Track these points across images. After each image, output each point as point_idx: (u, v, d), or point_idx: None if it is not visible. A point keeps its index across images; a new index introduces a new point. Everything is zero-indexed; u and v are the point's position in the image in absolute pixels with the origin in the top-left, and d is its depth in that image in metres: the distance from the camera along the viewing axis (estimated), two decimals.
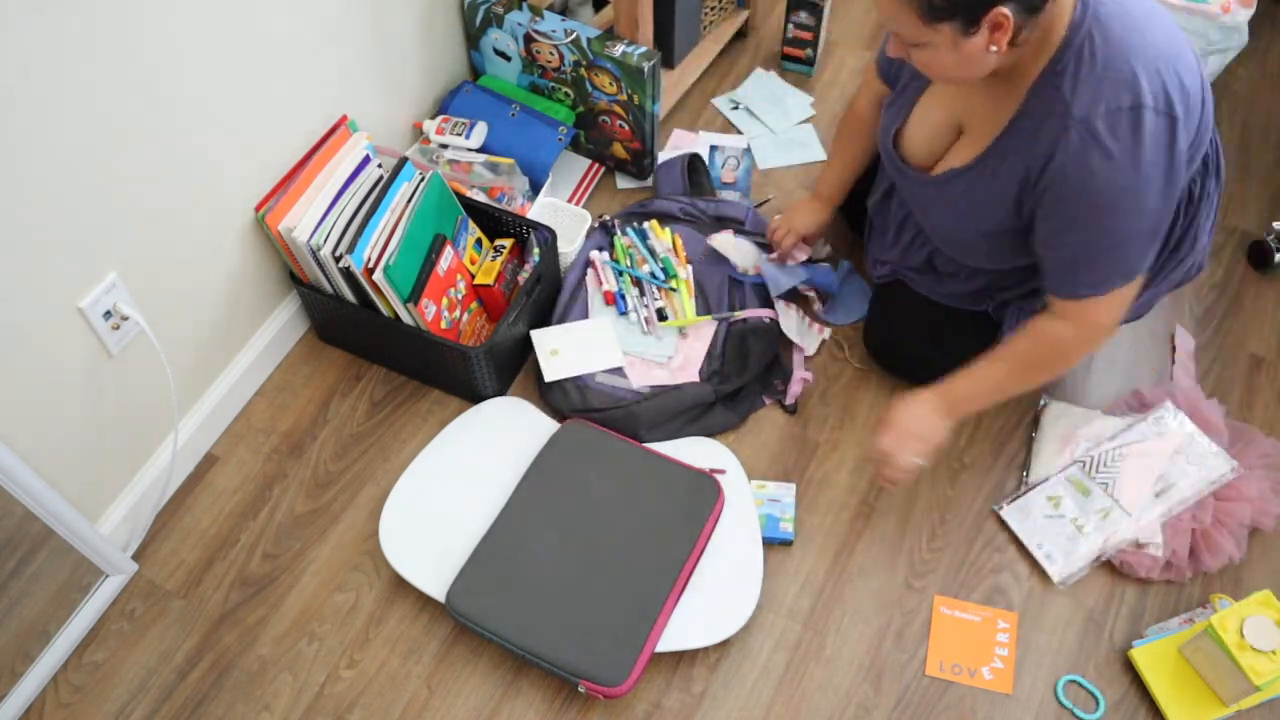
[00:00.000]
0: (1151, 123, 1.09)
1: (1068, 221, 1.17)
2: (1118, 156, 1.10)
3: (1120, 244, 1.17)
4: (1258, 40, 2.20)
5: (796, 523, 1.51)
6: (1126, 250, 1.18)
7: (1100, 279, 1.21)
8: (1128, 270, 1.20)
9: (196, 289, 1.45)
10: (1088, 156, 1.11)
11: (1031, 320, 1.30)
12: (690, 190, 1.83)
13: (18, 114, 1.07)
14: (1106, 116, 1.09)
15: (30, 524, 1.26)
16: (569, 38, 1.72)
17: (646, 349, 1.62)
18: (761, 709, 1.36)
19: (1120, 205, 1.14)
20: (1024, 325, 1.30)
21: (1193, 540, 1.45)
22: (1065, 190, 1.15)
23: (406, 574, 1.40)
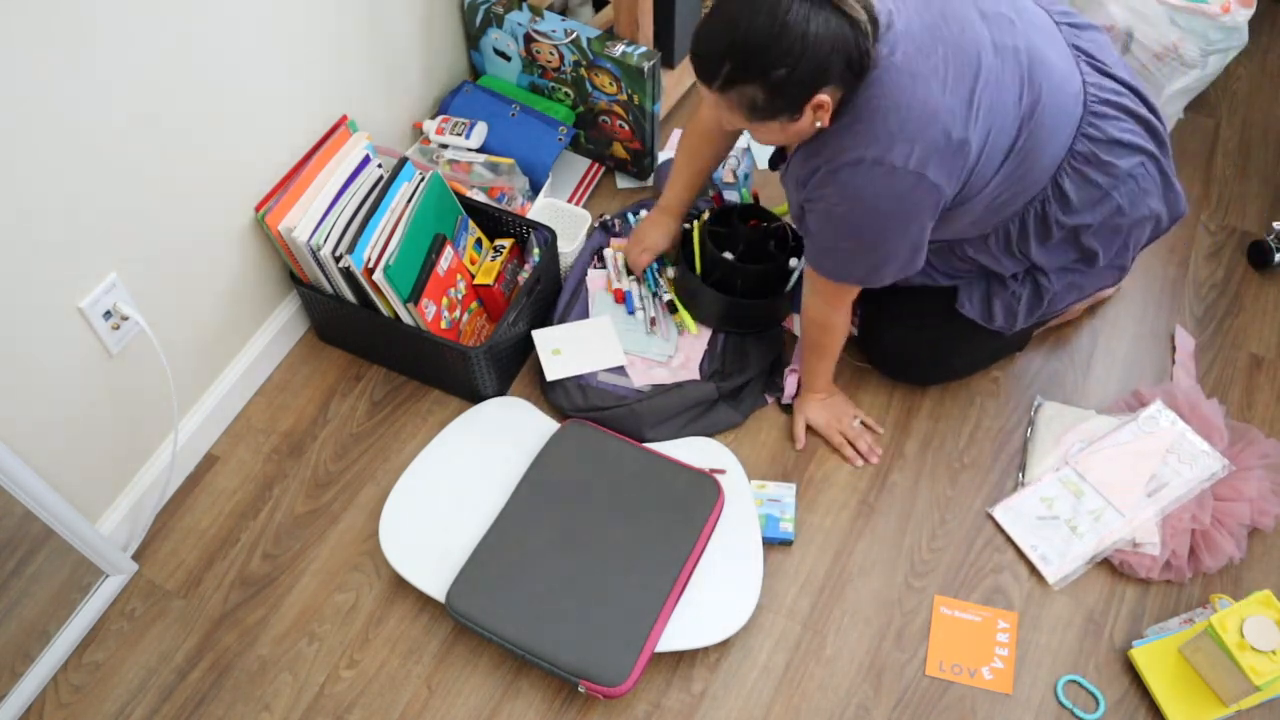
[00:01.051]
0: (887, 174, 1.21)
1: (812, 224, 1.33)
2: (851, 195, 1.24)
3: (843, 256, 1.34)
4: (1258, 40, 2.20)
5: (796, 523, 1.51)
6: (848, 261, 1.34)
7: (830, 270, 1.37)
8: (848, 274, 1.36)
9: (196, 289, 1.45)
10: (827, 189, 1.26)
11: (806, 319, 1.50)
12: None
13: (17, 114, 1.07)
14: (850, 163, 1.22)
15: (30, 524, 1.26)
16: (569, 38, 1.72)
17: (648, 348, 1.62)
18: (761, 709, 1.36)
19: (845, 231, 1.29)
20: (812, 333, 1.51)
21: (1192, 540, 1.45)
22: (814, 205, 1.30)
23: (406, 574, 1.40)
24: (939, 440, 1.61)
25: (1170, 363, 1.69)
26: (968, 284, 1.50)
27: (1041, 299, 1.47)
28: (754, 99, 1.17)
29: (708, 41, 1.16)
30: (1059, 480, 1.53)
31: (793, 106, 1.17)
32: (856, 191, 1.23)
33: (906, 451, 1.59)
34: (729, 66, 1.14)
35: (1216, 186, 1.96)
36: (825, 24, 1.10)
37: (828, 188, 1.26)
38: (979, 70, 1.21)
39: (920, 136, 1.19)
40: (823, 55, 1.12)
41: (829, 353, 1.52)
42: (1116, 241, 1.42)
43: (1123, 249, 1.43)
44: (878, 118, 1.19)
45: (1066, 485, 1.52)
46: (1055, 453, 1.56)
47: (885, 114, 1.19)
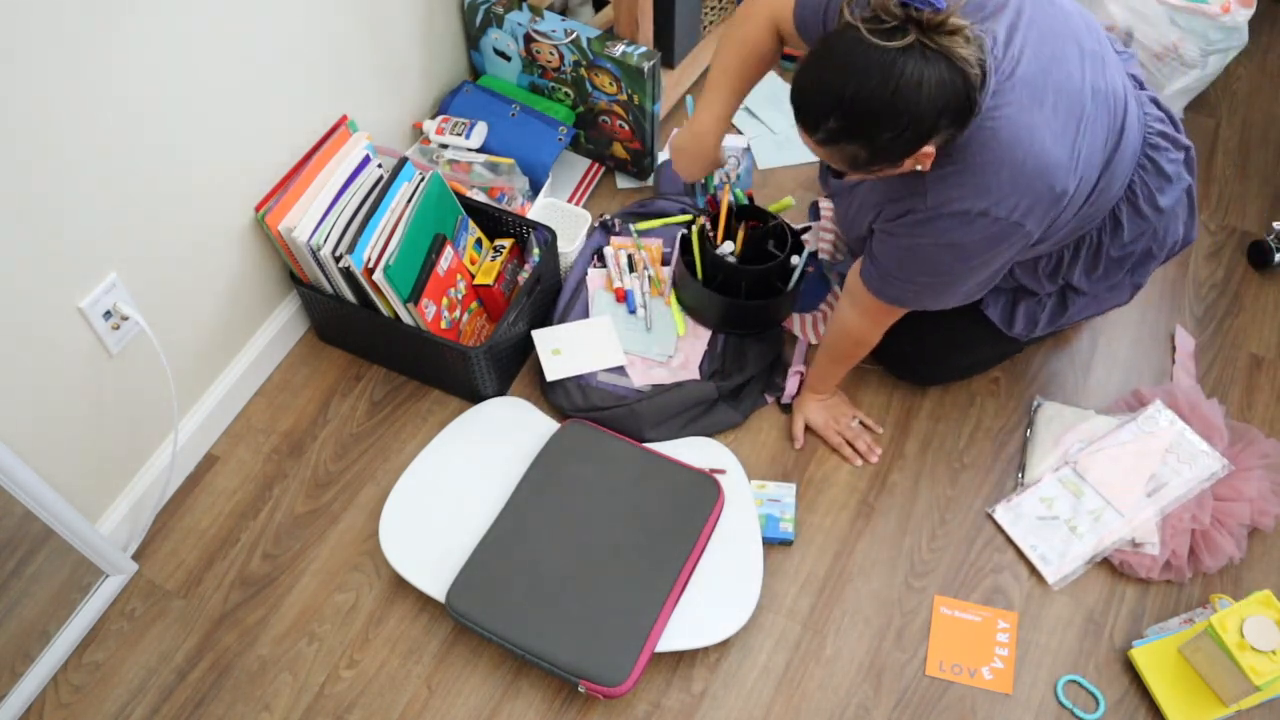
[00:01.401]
0: (987, 225, 1.18)
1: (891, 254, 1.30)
2: (944, 240, 1.22)
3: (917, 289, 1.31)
4: (1258, 40, 2.20)
5: (796, 523, 1.51)
6: (921, 293, 1.32)
7: (892, 295, 1.34)
8: (916, 302, 1.35)
9: (196, 289, 1.45)
10: (919, 229, 1.23)
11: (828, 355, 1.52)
12: (691, 190, 1.83)
13: (17, 114, 1.07)
14: (952, 213, 1.19)
15: (30, 524, 1.26)
16: (569, 38, 1.72)
17: (648, 348, 1.62)
18: (761, 709, 1.36)
19: (926, 270, 1.27)
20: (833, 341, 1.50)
21: (1192, 540, 1.45)
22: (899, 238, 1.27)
23: (406, 574, 1.40)
24: (939, 440, 1.61)
25: (1170, 363, 1.69)
26: (995, 294, 1.50)
27: (1065, 312, 1.49)
28: (856, 155, 1.12)
29: (815, 94, 1.10)
30: (1058, 480, 1.53)
31: (895, 161, 1.13)
32: (953, 239, 1.21)
33: (906, 451, 1.59)
34: (835, 123, 1.09)
35: (1216, 186, 1.96)
36: (938, 81, 1.04)
37: (921, 230, 1.22)
38: (1081, 118, 1.19)
39: (1029, 191, 1.16)
40: (931, 115, 1.07)
41: (850, 364, 1.52)
42: (1147, 266, 1.45)
43: (1147, 270, 1.47)
44: (989, 171, 1.15)
45: (1066, 485, 1.52)
46: (1055, 453, 1.56)
47: (999, 168, 1.15)
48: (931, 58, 1.04)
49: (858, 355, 1.50)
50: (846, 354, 1.50)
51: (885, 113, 1.06)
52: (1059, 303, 1.50)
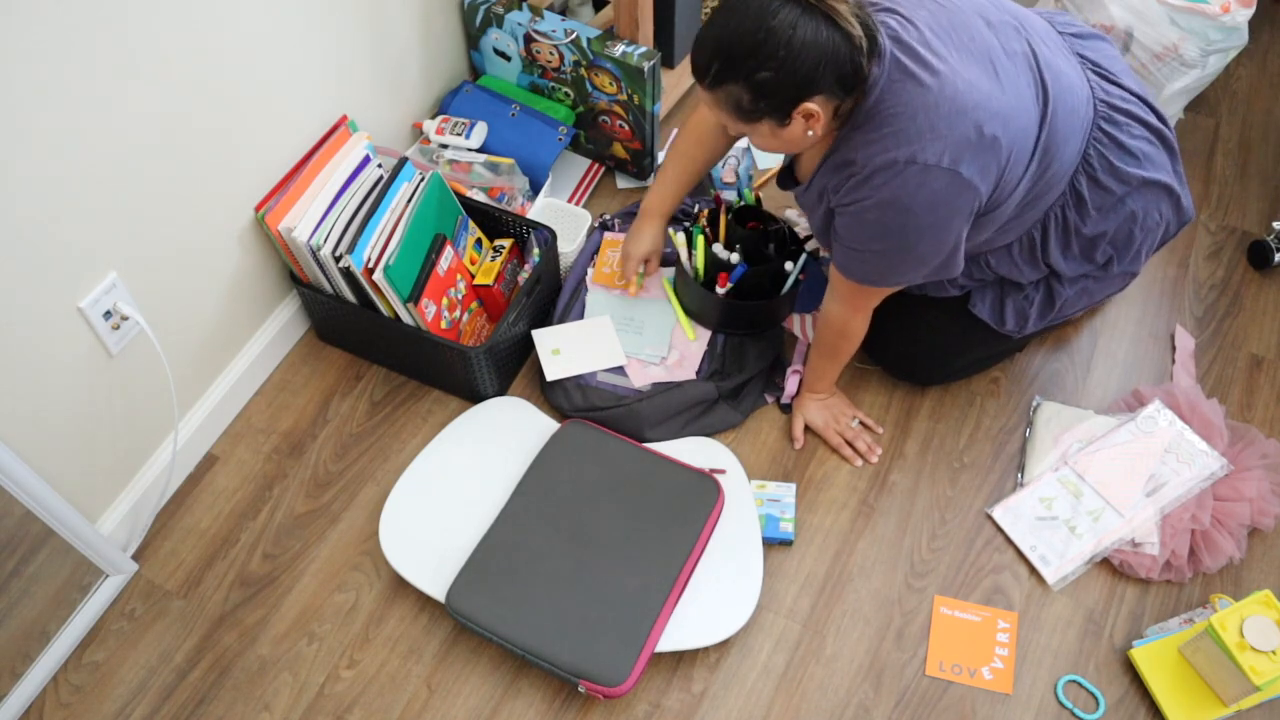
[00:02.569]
0: (920, 175, 1.20)
1: (843, 230, 1.32)
2: (886, 200, 1.22)
3: (876, 261, 1.31)
4: (1258, 40, 2.20)
5: (796, 523, 1.51)
6: (884, 266, 1.32)
7: (859, 273, 1.35)
8: (882, 278, 1.35)
9: (196, 289, 1.45)
10: (860, 195, 1.25)
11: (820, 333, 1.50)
12: (691, 191, 1.83)
13: (17, 114, 1.07)
14: (882, 166, 1.21)
15: (30, 524, 1.26)
16: (569, 38, 1.72)
17: (640, 349, 1.62)
18: (761, 709, 1.36)
19: (879, 236, 1.27)
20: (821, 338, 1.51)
21: (1192, 540, 1.45)
22: (845, 211, 1.29)
23: (406, 574, 1.40)
24: (939, 440, 1.61)
25: (1170, 363, 1.69)
26: (981, 287, 1.51)
27: (1053, 304, 1.48)
28: (739, 99, 1.19)
29: (701, 41, 1.19)
30: (1058, 480, 1.53)
31: (779, 111, 1.18)
32: (892, 194, 1.22)
33: (906, 451, 1.60)
34: (716, 65, 1.17)
35: (1216, 186, 1.96)
36: (815, 33, 1.12)
37: (860, 191, 1.25)
38: (996, 68, 1.23)
39: (950, 133, 1.19)
40: (809, 63, 1.13)
41: (841, 358, 1.52)
42: (1130, 249, 1.43)
43: (1135, 256, 1.45)
44: (904, 118, 1.19)
45: (1065, 485, 1.52)
46: (1054, 453, 1.56)
47: (913, 114, 1.19)
48: (812, 13, 1.12)
49: (846, 348, 1.50)
50: (834, 347, 1.50)
51: (759, 49, 1.13)
52: (1046, 295, 1.48)
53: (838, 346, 1.50)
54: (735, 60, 1.15)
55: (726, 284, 1.58)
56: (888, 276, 1.35)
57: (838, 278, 1.40)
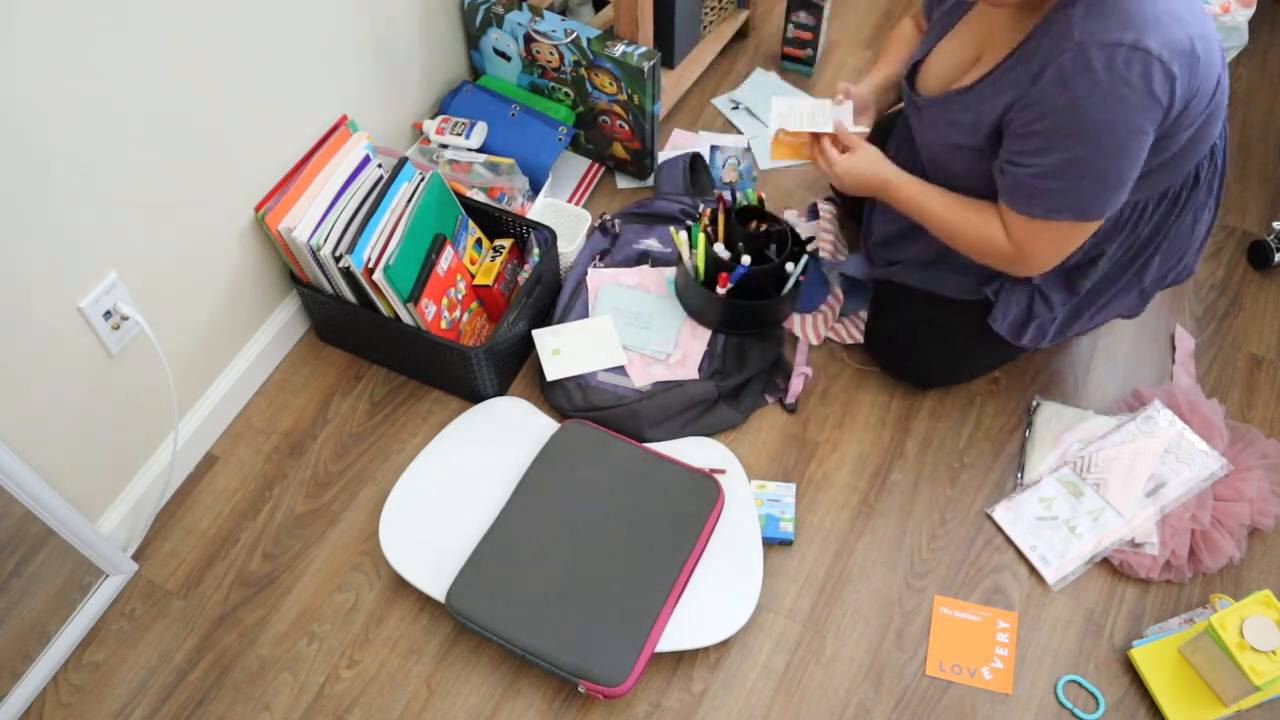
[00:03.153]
0: (1145, 66, 1.10)
1: (1040, 140, 1.19)
2: (1105, 86, 1.11)
3: (1085, 175, 1.18)
4: (1258, 40, 2.20)
5: (796, 523, 1.51)
6: (1087, 183, 1.19)
7: (1055, 205, 1.22)
8: (1082, 207, 1.21)
9: (196, 289, 1.45)
10: (1076, 80, 1.12)
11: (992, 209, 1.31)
12: (691, 190, 1.84)
13: (17, 114, 1.07)
14: (1104, 47, 1.10)
15: (30, 524, 1.26)
16: (569, 38, 1.72)
17: (646, 344, 1.62)
18: (761, 709, 1.36)
19: (1093, 135, 1.15)
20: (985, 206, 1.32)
21: (1192, 540, 1.45)
22: (1044, 108, 1.16)
23: (406, 574, 1.40)
24: (939, 440, 1.61)
25: (1170, 363, 1.69)
26: (1006, 301, 1.46)
27: (1077, 320, 1.47)
28: None
29: None
30: (1057, 480, 1.53)
31: None
32: (1110, 83, 1.10)
33: (906, 451, 1.60)
34: None
35: None
36: None
37: (1070, 84, 1.12)
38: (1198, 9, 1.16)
39: (1171, 35, 1.10)
40: None
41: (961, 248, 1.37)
42: (1154, 272, 1.42)
43: (1155, 279, 1.44)
44: (1134, 4, 1.10)
45: (1065, 485, 1.52)
46: (1054, 453, 1.56)
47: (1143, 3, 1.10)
48: None
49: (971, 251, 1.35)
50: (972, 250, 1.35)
51: None
52: (1072, 314, 1.47)
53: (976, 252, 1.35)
54: None
55: (727, 284, 1.58)
56: (1077, 202, 1.20)
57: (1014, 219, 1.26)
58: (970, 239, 1.33)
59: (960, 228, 1.34)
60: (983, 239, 1.32)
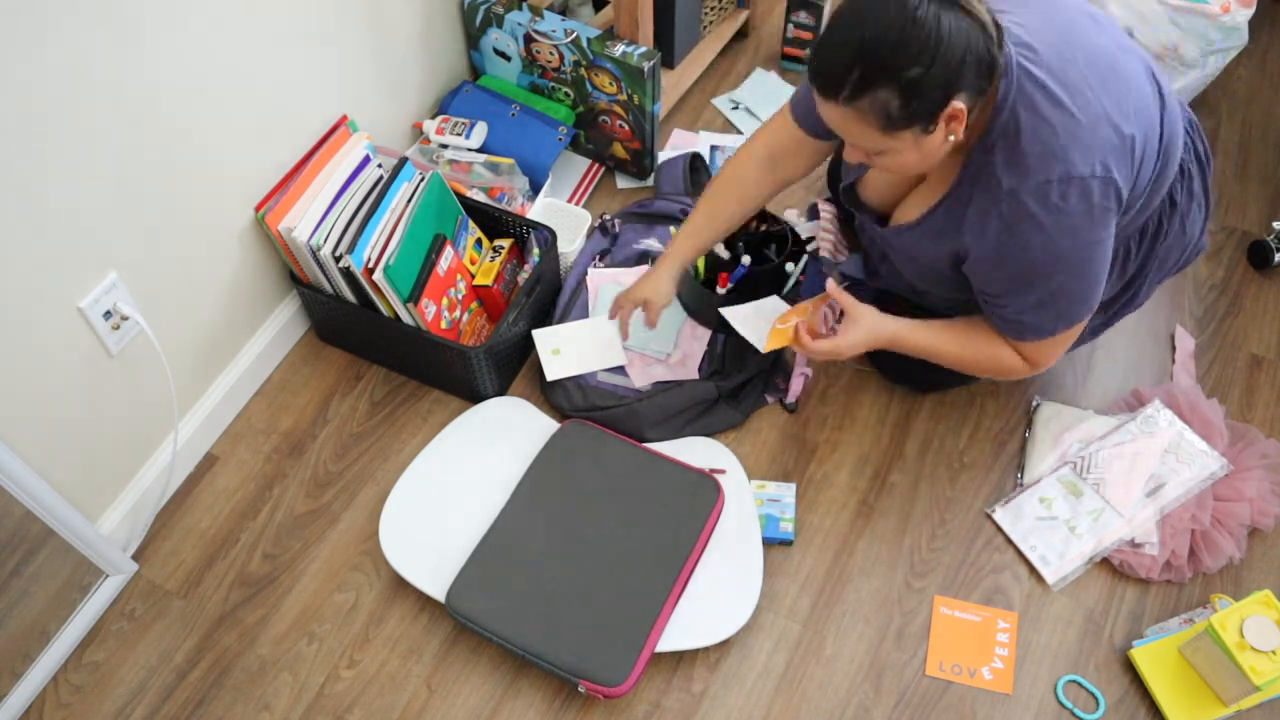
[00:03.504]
0: (1082, 191, 1.13)
1: (1007, 284, 1.22)
2: (1049, 226, 1.14)
3: (1062, 298, 1.22)
4: (1258, 40, 2.20)
5: (796, 523, 1.51)
6: (1066, 302, 1.23)
7: (1045, 328, 1.26)
8: (1070, 318, 1.25)
9: (196, 289, 1.45)
10: (1020, 227, 1.15)
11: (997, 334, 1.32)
12: (691, 190, 1.83)
13: (17, 114, 1.07)
14: (1035, 190, 1.13)
15: (30, 524, 1.26)
16: (569, 38, 1.72)
17: (647, 344, 1.62)
18: (761, 709, 1.36)
19: (1056, 269, 1.18)
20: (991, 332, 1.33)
21: (1192, 540, 1.45)
22: (999, 258, 1.20)
23: (406, 574, 1.40)
24: (939, 440, 1.61)
25: (1170, 363, 1.69)
26: None
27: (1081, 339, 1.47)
28: (887, 104, 1.05)
29: (833, 49, 1.06)
30: (1057, 480, 1.53)
31: (927, 115, 1.06)
32: (1054, 220, 1.13)
33: (906, 451, 1.60)
34: (859, 71, 1.04)
35: (1216, 187, 1.96)
36: (955, 23, 1.02)
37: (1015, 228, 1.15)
38: (1116, 70, 1.16)
39: (1094, 140, 1.12)
40: (955, 56, 1.03)
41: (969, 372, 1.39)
42: (1161, 273, 1.43)
43: (1159, 273, 1.44)
44: (1045, 133, 1.12)
45: (1065, 485, 1.52)
46: (1054, 453, 1.56)
47: (1054, 129, 1.11)
48: (944, 4, 1.03)
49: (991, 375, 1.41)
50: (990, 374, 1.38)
51: (908, 44, 1.02)
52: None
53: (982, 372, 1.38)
54: (883, 59, 1.03)
55: (727, 284, 1.58)
56: (1073, 315, 1.24)
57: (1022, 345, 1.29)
58: (986, 368, 1.35)
59: (975, 361, 1.35)
60: (998, 367, 1.34)
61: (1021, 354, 1.31)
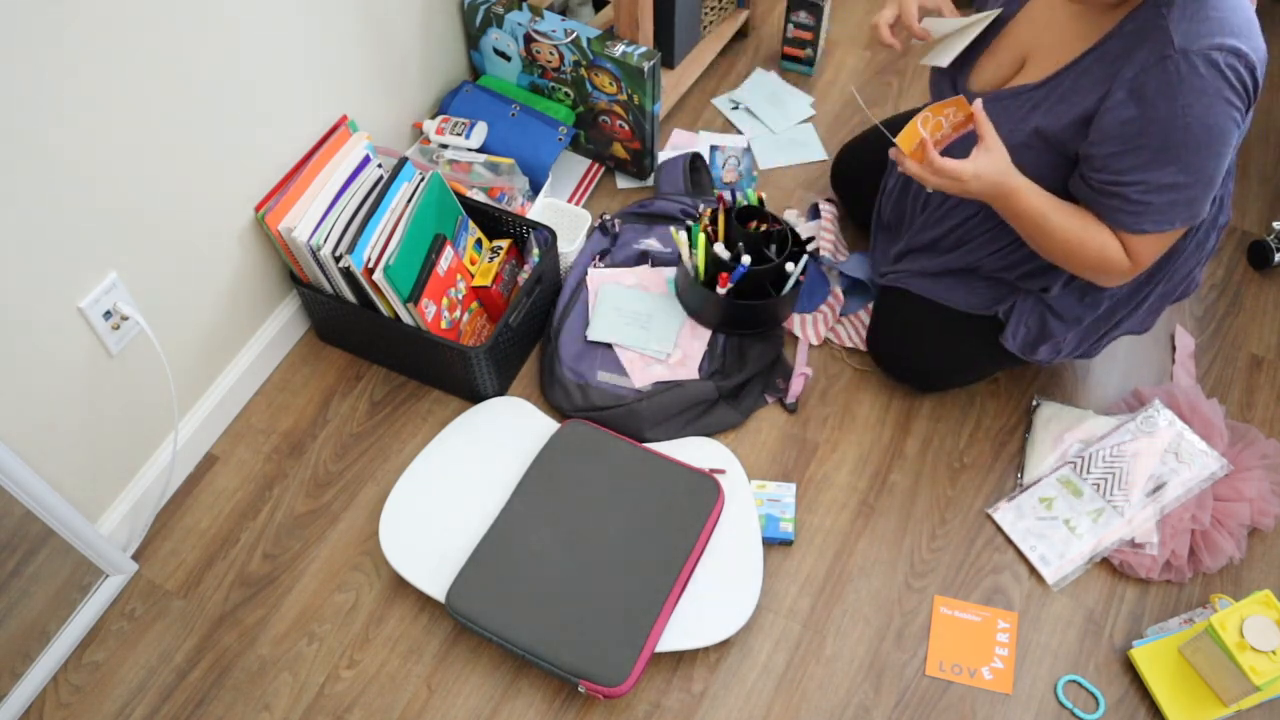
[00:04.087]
0: (1245, 71, 1.09)
1: (1149, 156, 1.15)
2: (1212, 94, 1.09)
3: (1196, 181, 1.15)
4: None
5: (796, 523, 1.51)
6: (1198, 189, 1.16)
7: (1168, 218, 1.19)
8: (1191, 214, 1.19)
9: (196, 289, 1.45)
10: (1183, 89, 1.10)
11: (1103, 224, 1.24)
12: (691, 190, 1.84)
13: (18, 114, 1.07)
14: (1207, 52, 1.08)
15: (30, 524, 1.26)
16: (569, 38, 1.72)
17: (646, 344, 1.62)
18: (761, 709, 1.36)
19: (1204, 142, 1.12)
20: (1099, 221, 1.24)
21: (1192, 540, 1.45)
22: (1152, 123, 1.13)
23: (406, 574, 1.40)
24: (939, 440, 1.61)
25: (1170, 363, 1.69)
26: (1016, 322, 1.46)
27: (1090, 339, 1.47)
28: None
29: None
30: (1057, 480, 1.53)
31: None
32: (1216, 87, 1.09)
33: (906, 451, 1.60)
34: None
35: None
36: None
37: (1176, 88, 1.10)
38: None
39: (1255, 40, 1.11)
40: None
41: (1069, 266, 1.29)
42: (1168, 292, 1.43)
43: (1168, 295, 1.45)
44: (1225, 7, 1.09)
45: (1065, 485, 1.52)
46: (1054, 453, 1.56)
47: (1237, 3, 1.10)
48: None
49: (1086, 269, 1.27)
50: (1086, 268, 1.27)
51: None
52: (1085, 331, 1.47)
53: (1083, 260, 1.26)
54: None
55: (727, 284, 1.58)
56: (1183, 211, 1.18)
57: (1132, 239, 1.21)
58: (1089, 255, 1.25)
59: (1080, 244, 1.24)
60: (1101, 256, 1.24)
61: (1128, 249, 1.23)
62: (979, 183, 1.21)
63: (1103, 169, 1.19)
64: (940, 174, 1.22)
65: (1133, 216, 1.20)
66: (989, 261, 1.45)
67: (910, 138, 1.24)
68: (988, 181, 1.21)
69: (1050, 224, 1.24)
